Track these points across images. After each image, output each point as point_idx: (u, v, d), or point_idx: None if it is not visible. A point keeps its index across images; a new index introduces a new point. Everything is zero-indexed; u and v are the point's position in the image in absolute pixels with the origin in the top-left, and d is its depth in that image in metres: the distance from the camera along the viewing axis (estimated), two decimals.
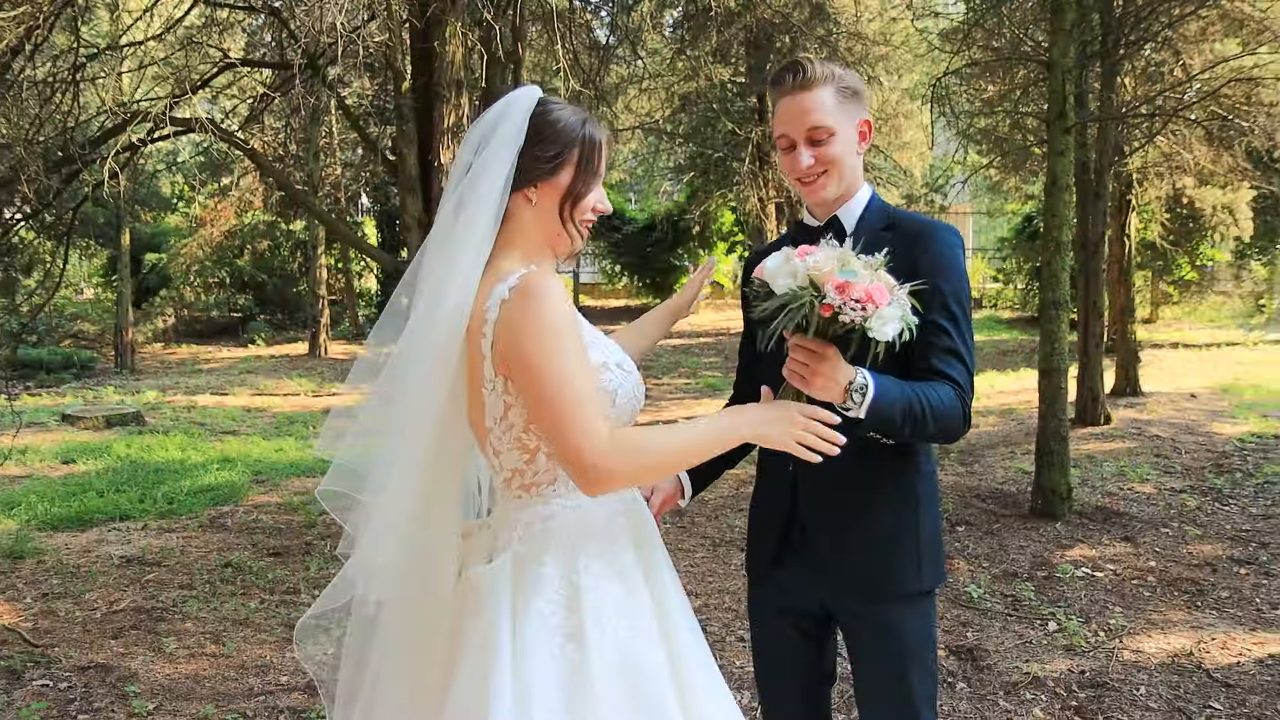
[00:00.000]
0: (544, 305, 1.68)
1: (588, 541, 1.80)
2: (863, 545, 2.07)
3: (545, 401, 1.68)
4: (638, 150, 15.64)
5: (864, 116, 2.05)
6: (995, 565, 5.58)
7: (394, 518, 1.80)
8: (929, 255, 1.96)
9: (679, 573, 2.00)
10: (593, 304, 23.14)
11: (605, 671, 1.70)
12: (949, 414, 1.91)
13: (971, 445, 9.08)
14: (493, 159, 1.77)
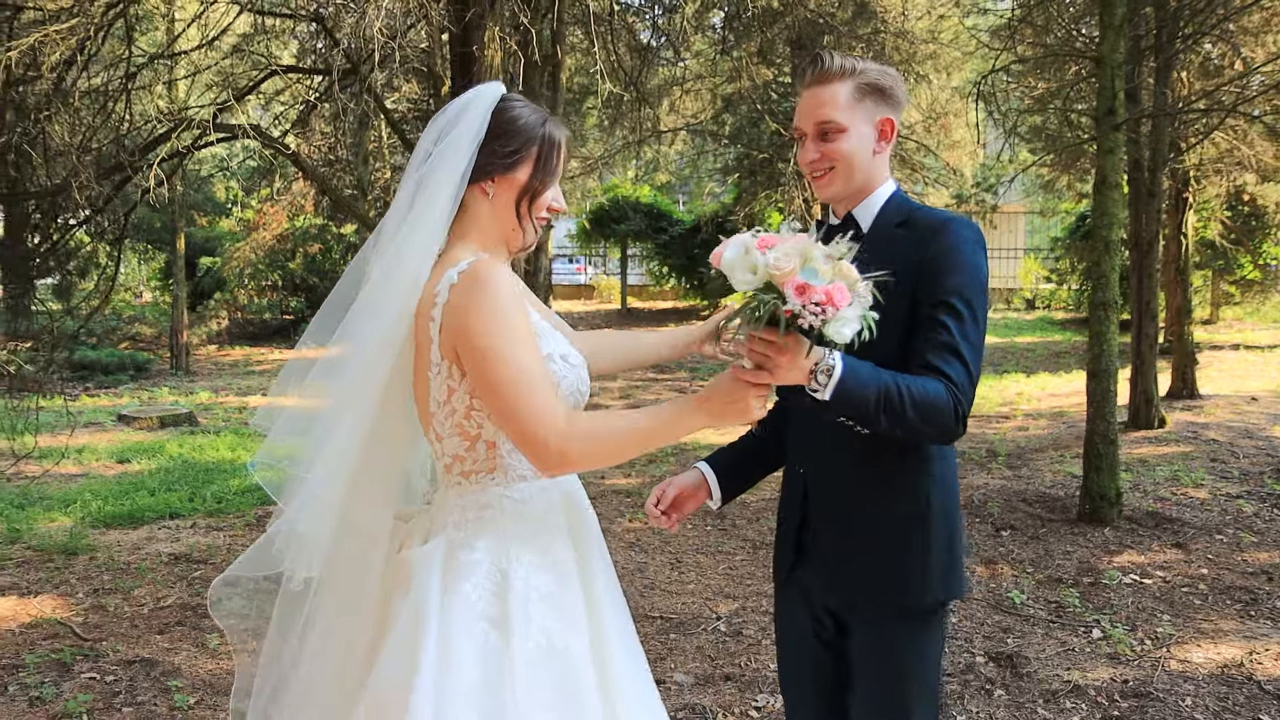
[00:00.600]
0: (492, 290, 1.71)
1: (522, 532, 1.82)
2: (865, 552, 2.01)
3: (498, 385, 1.70)
4: (683, 151, 15.62)
5: (886, 115, 2.00)
6: (1040, 571, 5.47)
7: (326, 491, 1.82)
8: (938, 250, 1.91)
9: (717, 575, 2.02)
10: (640, 305, 23.17)
11: (526, 660, 1.72)
12: (934, 407, 1.82)
13: (1020, 448, 8.92)
14: (452, 149, 1.82)
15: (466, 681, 1.69)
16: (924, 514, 1.98)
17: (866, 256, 1.95)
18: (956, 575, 2.02)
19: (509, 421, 1.72)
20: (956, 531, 2.02)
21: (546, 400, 1.70)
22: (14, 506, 6.95)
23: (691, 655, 4.38)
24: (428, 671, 1.68)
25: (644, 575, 5.49)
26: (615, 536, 6.31)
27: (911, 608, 1.99)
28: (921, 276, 1.90)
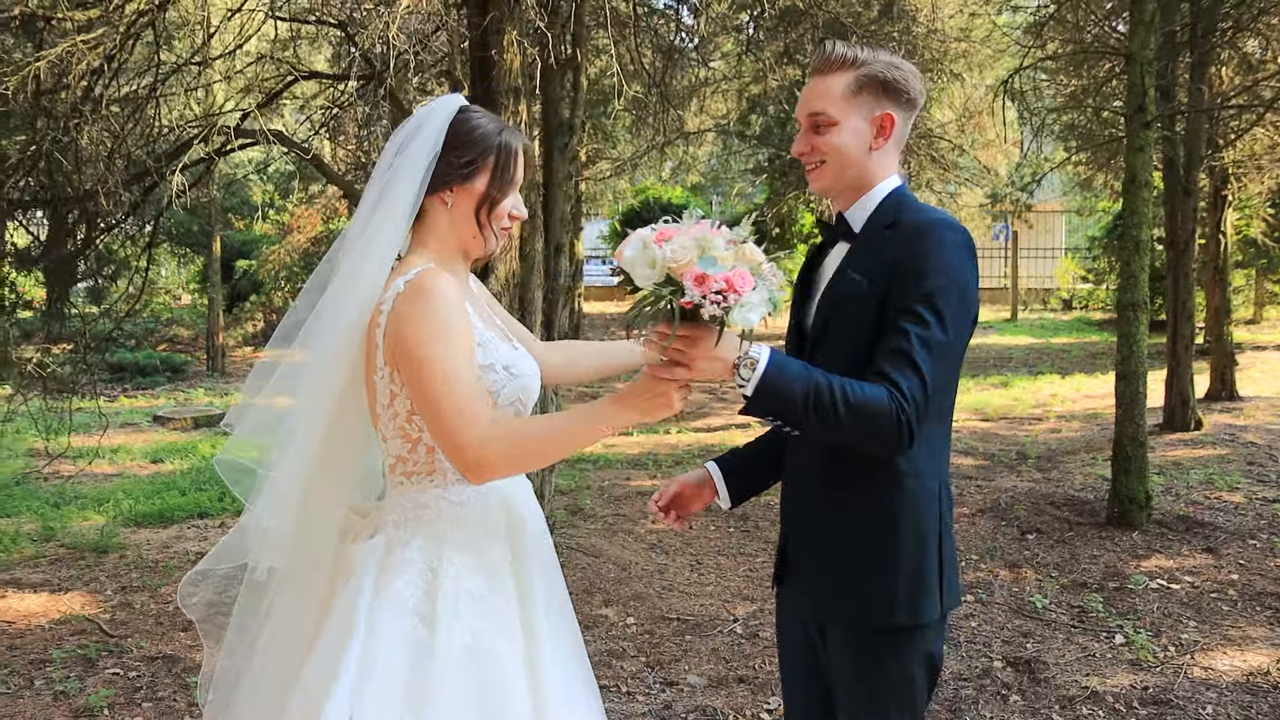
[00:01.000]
0: (433, 301, 1.77)
1: (457, 534, 1.86)
2: (831, 571, 1.94)
3: (427, 393, 1.76)
4: (713, 152, 15.59)
5: (887, 110, 1.91)
6: (1064, 575, 5.39)
7: (289, 489, 1.89)
8: (915, 253, 1.82)
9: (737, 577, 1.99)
10: None
11: (451, 657, 1.77)
12: (870, 412, 1.74)
13: (1051, 450, 8.81)
14: (410, 161, 1.87)
15: (390, 677, 1.74)
16: (889, 536, 1.88)
17: (855, 258, 1.95)
18: (926, 598, 1.88)
19: (436, 428, 1.78)
20: (928, 554, 1.89)
21: (471, 409, 1.75)
22: (50, 505, 7.11)
23: (706, 657, 4.37)
24: (350, 667, 1.73)
25: (663, 577, 5.49)
26: (637, 538, 6.31)
27: (886, 629, 1.90)
28: (894, 280, 1.83)
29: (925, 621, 1.89)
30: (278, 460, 1.91)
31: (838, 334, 1.91)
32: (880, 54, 1.93)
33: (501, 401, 1.87)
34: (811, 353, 1.97)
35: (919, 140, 12.79)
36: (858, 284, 1.88)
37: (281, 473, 1.90)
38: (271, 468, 1.92)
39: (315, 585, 1.94)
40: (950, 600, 1.93)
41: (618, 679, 4.13)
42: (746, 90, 8.35)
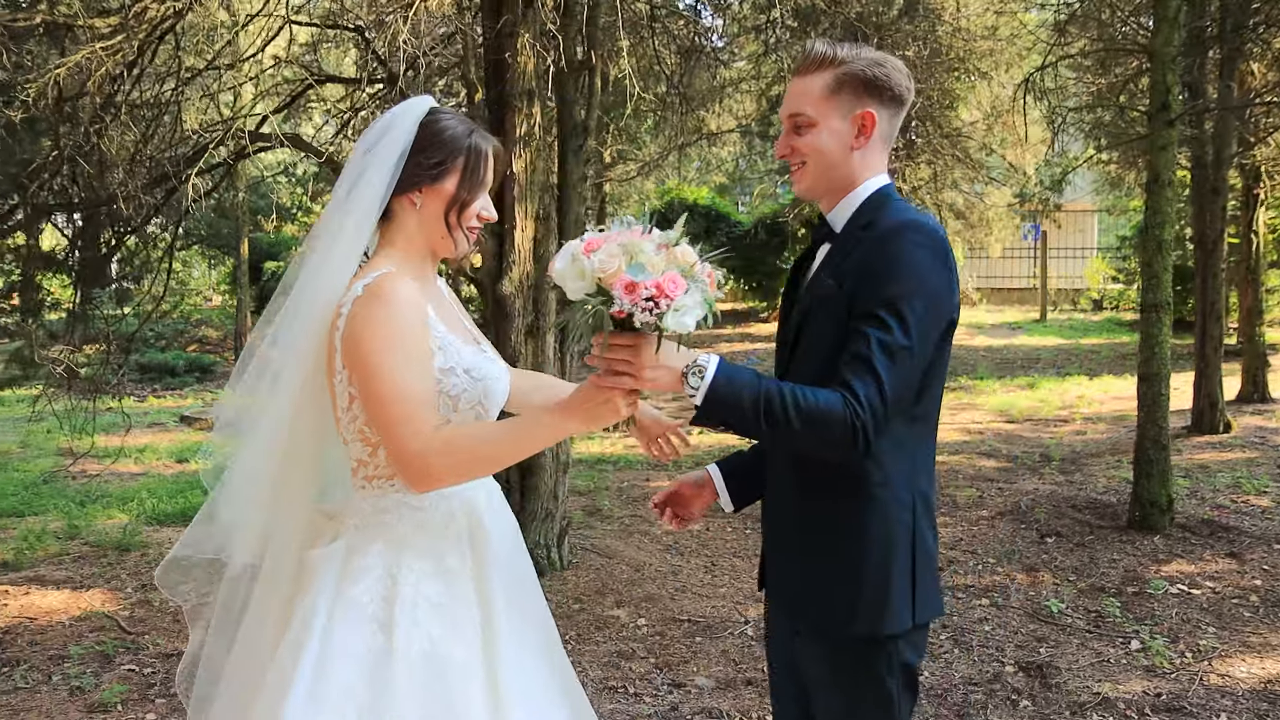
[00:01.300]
0: (388, 306, 1.77)
1: (418, 540, 1.86)
2: (803, 576, 1.92)
3: (375, 399, 1.77)
4: (737, 153, 15.54)
5: (868, 108, 1.86)
6: (1082, 579, 5.33)
7: (247, 484, 1.91)
8: (882, 256, 1.78)
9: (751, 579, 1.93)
10: None
11: (408, 663, 1.77)
12: (822, 418, 1.70)
13: (1075, 453, 8.71)
14: (379, 162, 1.87)
15: (347, 684, 1.74)
16: (855, 545, 1.84)
17: (831, 261, 1.93)
18: (894, 610, 1.84)
19: (383, 434, 1.79)
20: (896, 565, 1.84)
21: (418, 418, 1.75)
22: (75, 504, 7.23)
23: (716, 659, 4.36)
24: (306, 674, 1.75)
25: (677, 578, 5.49)
26: (653, 539, 6.32)
27: (849, 637, 1.87)
28: (859, 283, 1.79)
29: (893, 633, 1.86)
30: (238, 454, 1.94)
31: (812, 338, 1.90)
32: (864, 51, 1.90)
33: (463, 405, 1.87)
34: (790, 358, 1.97)
35: (943, 140, 12.70)
36: (830, 287, 1.86)
37: (240, 467, 1.93)
38: (233, 461, 1.95)
39: (281, 585, 1.95)
40: (925, 611, 1.90)
41: (626, 680, 4.14)
42: (767, 91, 8.31)
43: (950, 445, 9.24)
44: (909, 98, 1.94)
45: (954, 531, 6.32)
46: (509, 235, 5.35)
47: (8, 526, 6.69)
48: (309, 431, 1.95)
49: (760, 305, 21.54)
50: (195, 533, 1.96)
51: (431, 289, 1.98)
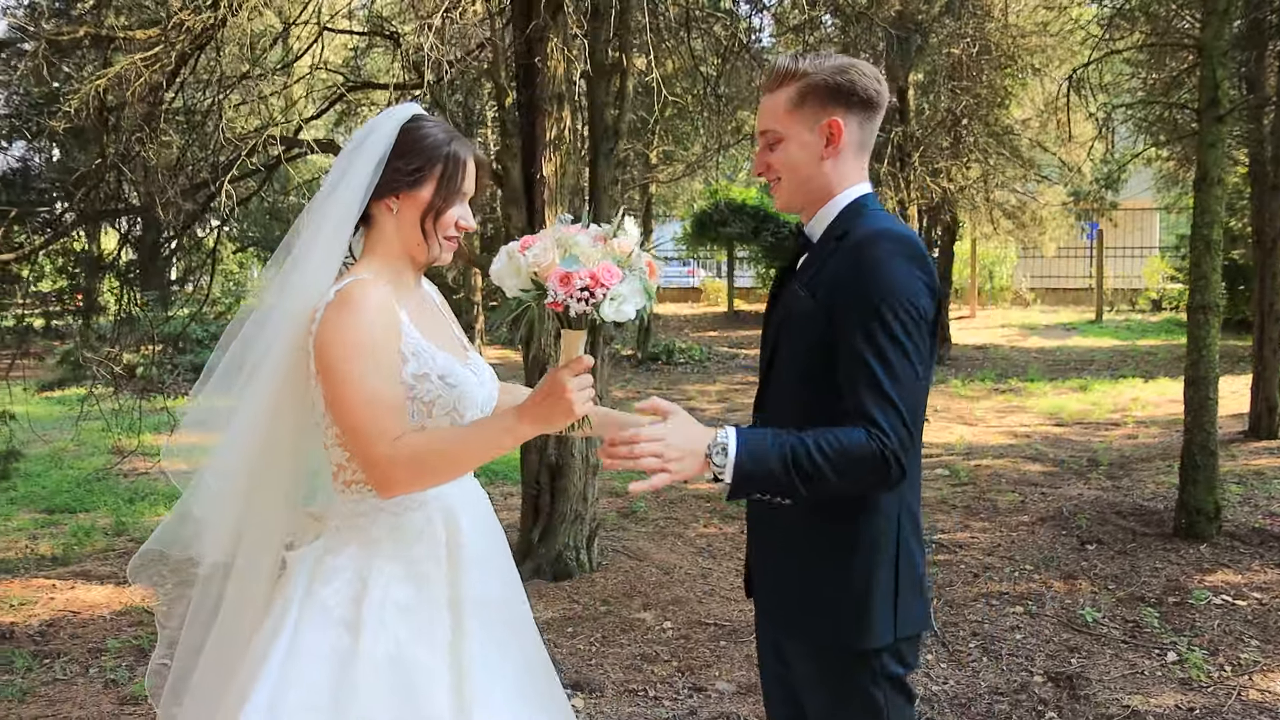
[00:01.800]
0: (352, 315, 1.78)
1: (391, 543, 1.88)
2: (784, 588, 1.92)
3: (341, 406, 1.79)
4: None
5: (833, 116, 1.84)
6: (1121, 587, 5.21)
7: (220, 482, 1.94)
8: (857, 269, 1.76)
9: None
10: (748, 308, 23.02)
11: (374, 666, 1.79)
12: (853, 459, 1.68)
13: (1125, 457, 8.51)
14: (359, 167, 1.89)
15: (312, 685, 1.77)
16: (837, 559, 1.84)
17: (806, 272, 1.92)
18: (877, 623, 1.83)
19: (349, 440, 1.81)
20: (878, 580, 1.83)
21: (381, 425, 1.77)
22: (124, 501, 7.44)
23: (739, 664, 4.35)
24: (272, 673, 1.78)
25: (706, 581, 5.48)
26: (687, 542, 6.31)
27: (831, 649, 1.87)
28: (837, 298, 1.78)
29: (875, 646, 1.84)
30: (213, 452, 1.98)
31: (789, 351, 1.90)
32: (828, 60, 1.88)
33: (437, 411, 1.88)
34: (768, 369, 1.96)
35: (989, 139, 12.49)
36: (804, 301, 1.85)
37: (214, 465, 1.97)
38: (208, 459, 1.99)
39: (258, 584, 1.98)
40: (907, 627, 1.88)
41: (647, 683, 4.14)
42: None
43: (995, 449, 9.09)
44: (880, 101, 1.91)
45: (992, 537, 6.22)
46: None
47: (60, 522, 6.91)
48: (288, 433, 1.97)
49: None
50: (169, 528, 2.01)
51: (411, 295, 1.98)
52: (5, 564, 5.91)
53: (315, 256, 1.90)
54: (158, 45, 4.61)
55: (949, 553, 5.93)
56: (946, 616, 4.87)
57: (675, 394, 14.16)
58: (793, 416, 1.86)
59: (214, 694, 1.94)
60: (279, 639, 1.82)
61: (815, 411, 1.82)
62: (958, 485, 7.67)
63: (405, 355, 1.86)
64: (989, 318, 20.17)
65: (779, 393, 1.94)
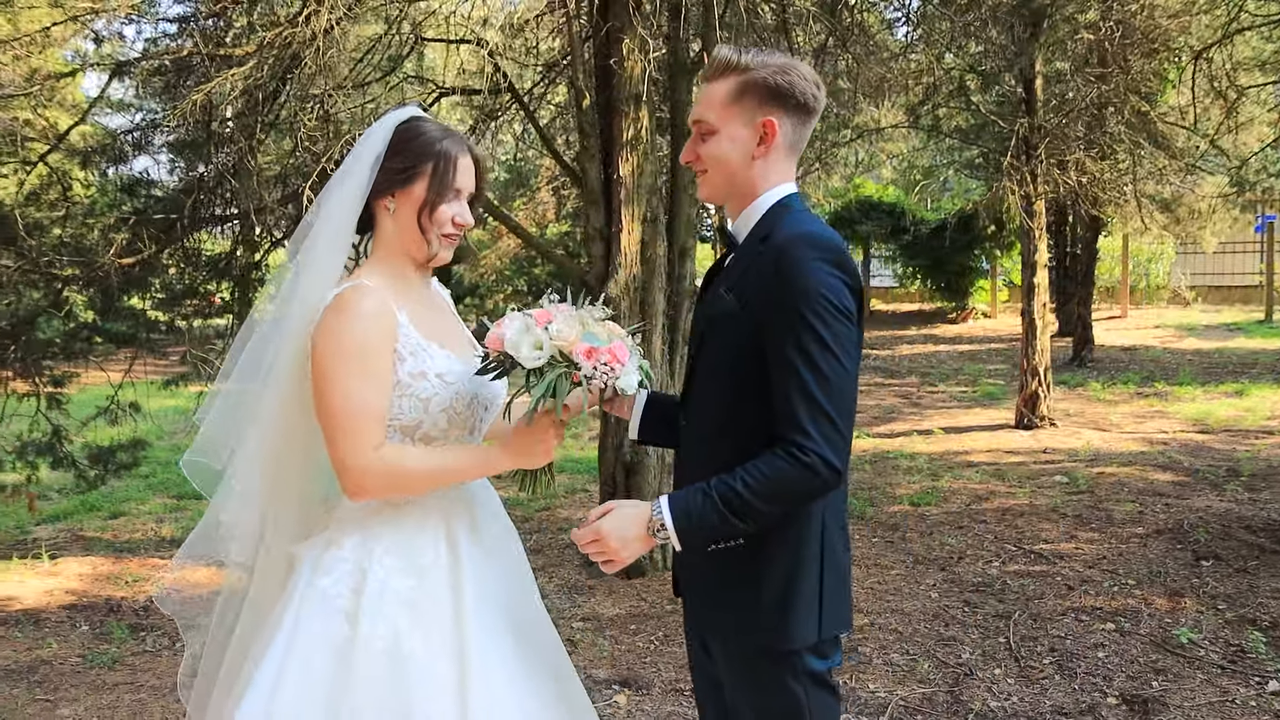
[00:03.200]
0: (345, 321, 1.83)
1: (391, 537, 1.91)
2: (709, 586, 1.91)
3: (325, 408, 1.83)
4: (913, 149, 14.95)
5: (769, 116, 1.83)
6: (1232, 608, 4.82)
7: (240, 484, 2.00)
8: (780, 276, 1.75)
9: (861, 589, 1.84)
10: (884, 308, 22.50)
11: (371, 655, 1.82)
12: (779, 484, 1.70)
13: (1272, 468, 7.86)
14: (357, 166, 1.95)
15: (311, 673, 1.82)
16: (760, 559, 1.83)
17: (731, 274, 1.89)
18: (799, 623, 1.82)
19: (327, 441, 1.85)
20: (803, 581, 1.82)
21: (361, 433, 1.82)
22: None
23: None
24: (274, 661, 1.84)
25: None
26: None
27: (752, 646, 1.86)
28: (763, 305, 1.77)
29: (796, 646, 1.83)
30: (233, 456, 2.03)
31: (713, 352, 1.89)
32: (771, 58, 1.85)
33: (434, 408, 1.91)
34: (692, 367, 1.95)
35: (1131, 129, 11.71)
36: (728, 303, 1.84)
37: (235, 468, 2.02)
38: (230, 463, 2.04)
39: (276, 576, 2.04)
40: (831, 627, 1.85)
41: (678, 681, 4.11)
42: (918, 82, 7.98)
43: (1124, 456, 8.57)
44: (816, 106, 1.88)
45: (1098, 549, 5.87)
46: (616, 238, 5.44)
47: (186, 507, 7.43)
48: (300, 433, 2.02)
49: (948, 305, 20.69)
50: (199, 536, 2.08)
51: (415, 294, 2.02)
52: (130, 544, 6.40)
53: (320, 259, 1.97)
54: (251, 62, 4.89)
55: (1046, 563, 5.63)
56: (1026, 630, 4.63)
57: None
58: (714, 414, 1.87)
59: (227, 689, 2.01)
60: (282, 628, 1.88)
61: (736, 410, 1.83)
62: (1073, 493, 7.28)
63: (402, 354, 1.90)
64: (1142, 318, 18.98)
65: (703, 390, 1.92)
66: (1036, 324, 10.25)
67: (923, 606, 5.03)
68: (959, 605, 5.04)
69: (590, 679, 4.17)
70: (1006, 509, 6.92)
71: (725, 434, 1.84)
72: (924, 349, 17.49)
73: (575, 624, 4.86)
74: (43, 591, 5.41)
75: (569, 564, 5.71)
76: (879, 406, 12.51)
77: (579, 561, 5.66)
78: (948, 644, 4.53)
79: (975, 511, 6.94)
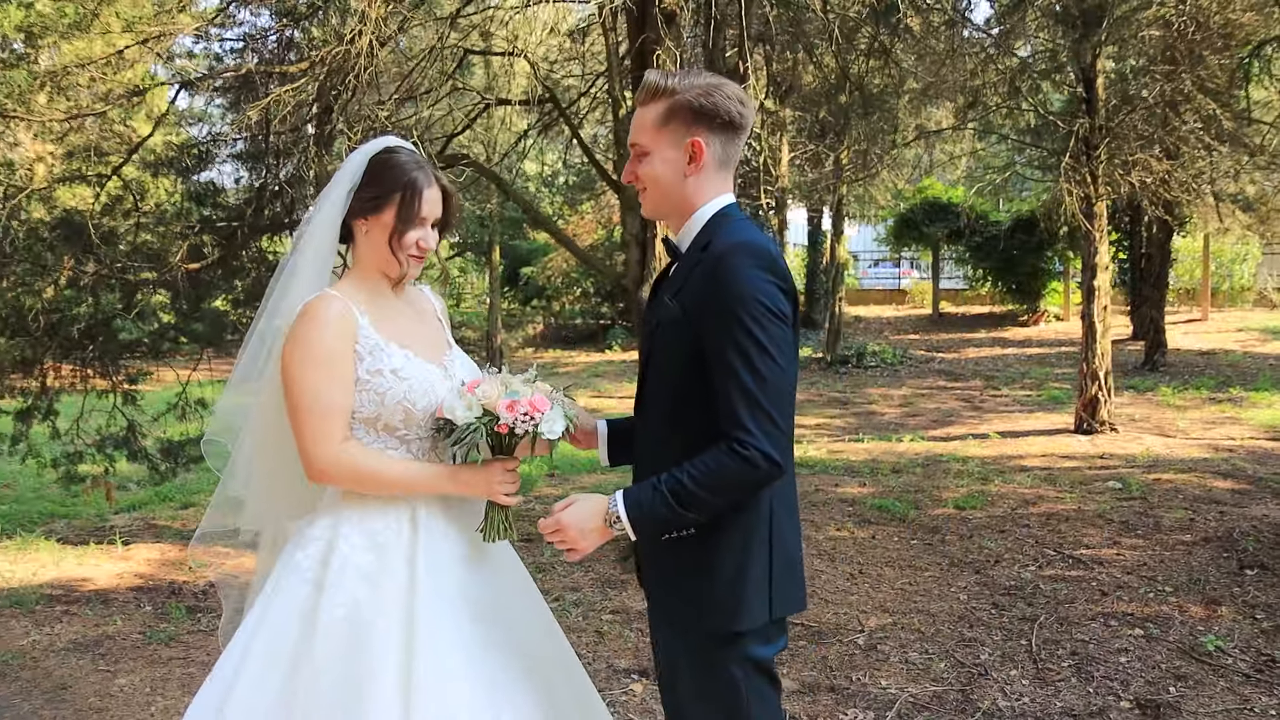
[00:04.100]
0: (308, 328, 2.05)
1: (358, 516, 2.12)
2: (662, 573, 2.04)
3: (291, 406, 2.05)
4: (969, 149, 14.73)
5: (696, 137, 1.96)
6: (1270, 618, 4.75)
7: (243, 468, 2.24)
8: (717, 282, 1.87)
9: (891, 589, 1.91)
10: (953, 310, 22.18)
11: (332, 621, 2.03)
12: (720, 476, 1.85)
13: None
14: (335, 192, 2.17)
15: (279, 634, 2.03)
16: (710, 545, 1.95)
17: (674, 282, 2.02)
18: (745, 607, 1.94)
19: (295, 436, 2.07)
20: (752, 566, 1.95)
21: (324, 430, 2.05)
22: None
23: (812, 664, 4.35)
24: (250, 623, 2.06)
25: (812, 583, 5.47)
26: (813, 544, 6.30)
27: (701, 632, 1.97)
28: (702, 311, 1.90)
29: (746, 627, 1.94)
30: (237, 444, 2.29)
31: (660, 357, 2.02)
32: (696, 79, 1.98)
33: (389, 401, 2.11)
34: (643, 373, 2.10)
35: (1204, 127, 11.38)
36: (671, 310, 1.97)
37: (237, 454, 2.28)
38: (235, 447, 2.30)
39: (272, 554, 2.28)
40: (783, 607, 1.98)
41: None
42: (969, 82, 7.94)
43: (1185, 462, 8.40)
44: (742, 121, 2.00)
45: (1140, 555, 5.81)
46: (650, 244, 5.59)
47: None
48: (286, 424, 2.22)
49: (1019, 308, 20.31)
50: (214, 510, 2.34)
51: (384, 302, 2.22)
52: None
53: (302, 273, 2.20)
54: (303, 78, 5.16)
55: (1083, 568, 5.60)
56: (1050, 633, 4.64)
57: (857, 397, 13.92)
58: (664, 416, 2.02)
59: None
60: (264, 592, 2.12)
61: (683, 411, 1.97)
62: (1124, 499, 7.18)
63: (361, 354, 2.11)
64: (1224, 320, 18.37)
65: (654, 394, 2.06)
66: (1096, 327, 10.11)
67: (950, 608, 5.07)
68: (987, 607, 5.07)
69: (611, 669, 4.34)
70: (1052, 514, 6.87)
71: (675, 433, 1.98)
72: (991, 352, 17.23)
73: (604, 616, 5.02)
74: (114, 574, 5.80)
75: (605, 560, 5.87)
76: (938, 410, 12.41)
77: (614, 557, 5.83)
78: (968, 645, 4.57)
79: (1019, 516, 6.90)
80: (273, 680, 2.02)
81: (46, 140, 5.08)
